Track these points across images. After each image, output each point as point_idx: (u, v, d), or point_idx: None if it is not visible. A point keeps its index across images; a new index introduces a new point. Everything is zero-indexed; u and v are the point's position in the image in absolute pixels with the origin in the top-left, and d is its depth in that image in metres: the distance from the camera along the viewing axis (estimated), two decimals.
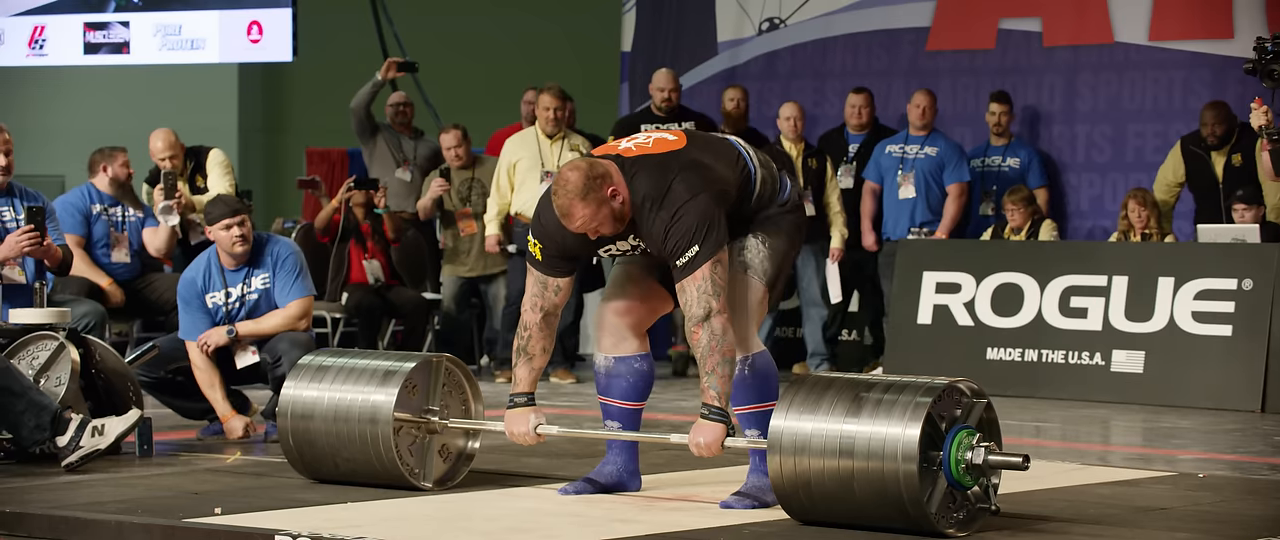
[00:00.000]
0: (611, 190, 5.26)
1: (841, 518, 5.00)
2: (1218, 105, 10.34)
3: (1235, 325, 9.12)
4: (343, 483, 5.83)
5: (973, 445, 4.95)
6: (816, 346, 10.90)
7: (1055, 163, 11.29)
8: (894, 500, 4.86)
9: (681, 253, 5.25)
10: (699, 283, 5.24)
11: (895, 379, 5.04)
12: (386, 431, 5.69)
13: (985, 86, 11.31)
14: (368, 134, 11.31)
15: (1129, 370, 9.34)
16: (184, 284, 7.40)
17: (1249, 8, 10.74)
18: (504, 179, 10.40)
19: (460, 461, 5.98)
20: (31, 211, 7.39)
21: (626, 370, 5.57)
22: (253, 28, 12.50)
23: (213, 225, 7.30)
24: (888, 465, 4.84)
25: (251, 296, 7.32)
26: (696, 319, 5.23)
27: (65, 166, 14.11)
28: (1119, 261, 9.60)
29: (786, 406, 5.05)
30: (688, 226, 5.24)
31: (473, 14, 14.90)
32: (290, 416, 5.90)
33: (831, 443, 4.93)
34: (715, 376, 5.23)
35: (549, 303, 5.50)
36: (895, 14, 11.78)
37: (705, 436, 5.28)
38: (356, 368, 5.85)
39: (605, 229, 5.30)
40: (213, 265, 7.34)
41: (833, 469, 4.93)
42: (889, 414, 4.89)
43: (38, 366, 6.64)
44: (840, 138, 11.24)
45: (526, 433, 5.57)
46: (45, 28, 12.92)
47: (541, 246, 5.46)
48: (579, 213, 5.25)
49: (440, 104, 13.10)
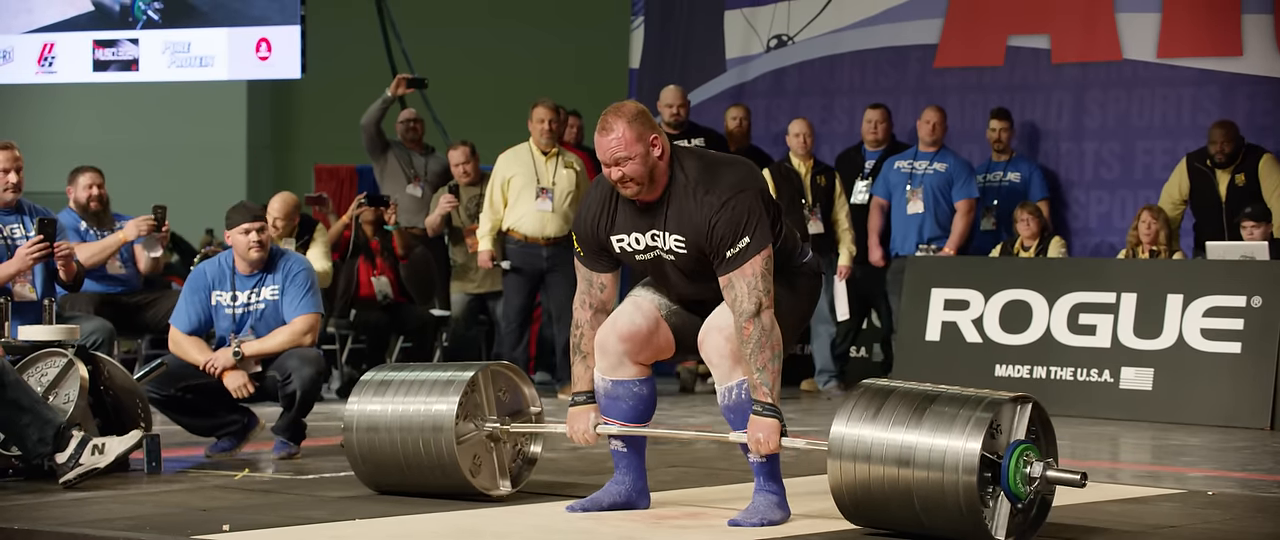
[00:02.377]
0: (655, 139, 5.24)
1: (898, 525, 5.08)
2: (1226, 124, 10.35)
3: (1244, 342, 9.11)
4: (409, 495, 5.88)
5: (1031, 461, 5.03)
6: (825, 363, 10.89)
7: (1061, 179, 11.29)
8: (952, 510, 4.93)
9: (732, 243, 5.20)
10: (748, 278, 5.21)
11: (957, 391, 5.10)
12: (449, 439, 5.76)
13: (993, 103, 11.32)
14: (378, 151, 11.32)
15: (1138, 387, 9.33)
16: (195, 273, 7.45)
17: (1258, 25, 10.75)
18: (497, 195, 10.38)
19: (524, 466, 6.04)
20: (42, 223, 7.41)
21: (626, 394, 5.55)
22: (261, 45, 12.53)
23: (232, 229, 7.33)
24: (948, 476, 4.91)
25: (257, 306, 7.33)
26: (747, 314, 5.21)
27: None
28: (1128, 278, 9.59)
29: (848, 413, 5.10)
30: (738, 216, 5.20)
31: (482, 30, 14.93)
32: (356, 430, 5.98)
33: (892, 451, 5.00)
34: (766, 372, 5.22)
35: (597, 299, 5.49)
36: (903, 31, 11.79)
37: (763, 432, 5.27)
38: (418, 380, 5.93)
39: (633, 173, 5.22)
40: (227, 265, 7.38)
41: (893, 476, 5.00)
42: (950, 427, 4.95)
43: (47, 383, 6.64)
44: (857, 154, 11.24)
45: (586, 430, 5.56)
46: (54, 45, 12.95)
47: (579, 241, 5.46)
48: (618, 130, 5.22)
49: (451, 120, 13.12)
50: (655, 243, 5.36)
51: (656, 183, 5.29)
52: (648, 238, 5.36)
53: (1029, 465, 5.02)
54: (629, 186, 5.27)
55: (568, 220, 10.21)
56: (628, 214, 5.38)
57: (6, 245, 7.67)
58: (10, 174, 7.73)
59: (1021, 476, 5.00)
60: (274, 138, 15.37)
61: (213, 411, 7.35)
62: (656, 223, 5.33)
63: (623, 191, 5.30)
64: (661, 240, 5.35)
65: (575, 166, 10.39)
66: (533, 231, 10.31)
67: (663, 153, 5.26)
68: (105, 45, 12.86)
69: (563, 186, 10.32)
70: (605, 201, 5.41)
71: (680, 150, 5.35)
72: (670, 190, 5.30)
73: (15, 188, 7.72)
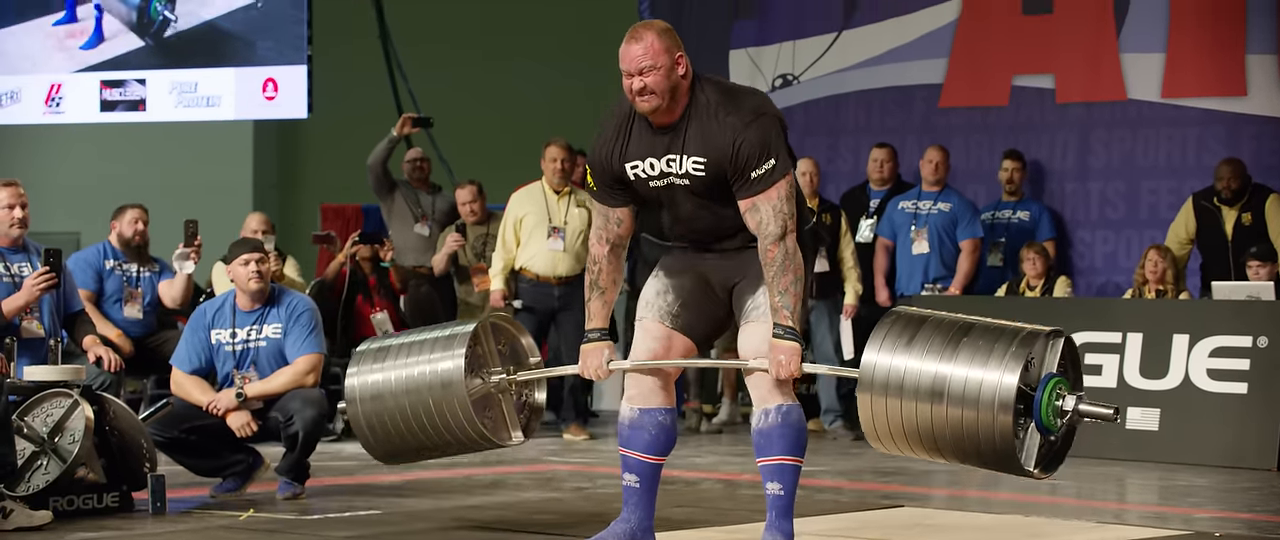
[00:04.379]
0: (681, 57, 5.24)
1: (929, 455, 5.09)
2: (1233, 162, 10.36)
3: (1251, 383, 9.09)
4: (422, 458, 5.77)
5: (1064, 394, 5.04)
6: (831, 403, 10.88)
7: (1066, 218, 11.30)
8: (985, 440, 4.92)
9: (757, 164, 5.19)
10: (774, 201, 5.21)
11: (991, 323, 5.09)
12: (461, 395, 5.56)
13: (998, 143, 11.33)
14: (385, 190, 11.34)
15: (1144, 427, 9.31)
16: (196, 312, 7.46)
17: (1262, 65, 10.77)
18: (510, 234, 10.40)
19: (533, 416, 5.89)
20: (49, 254, 7.42)
21: (650, 423, 5.49)
22: (268, 85, 12.56)
23: (232, 262, 7.34)
24: (983, 408, 4.90)
25: (258, 343, 7.33)
26: (773, 237, 5.20)
27: (80, 223, 14.15)
28: (1134, 318, 9.58)
29: (879, 342, 5.08)
30: (763, 138, 5.20)
31: (490, 69, 14.96)
32: (360, 402, 5.72)
33: (925, 382, 4.99)
34: (789, 295, 5.20)
35: (613, 234, 5.45)
36: (908, 71, 11.81)
37: (785, 354, 5.23)
38: (417, 341, 5.73)
39: (655, 85, 5.20)
40: (228, 303, 7.39)
41: (925, 407, 4.98)
42: (986, 360, 4.94)
43: (52, 424, 6.64)
44: (862, 193, 11.26)
45: (599, 366, 5.49)
46: (62, 86, 12.98)
47: (593, 174, 5.44)
48: (646, 40, 5.22)
49: (456, 160, 13.14)
50: (671, 167, 5.33)
51: (676, 103, 5.28)
52: (663, 163, 5.33)
53: (1061, 398, 5.02)
54: (649, 99, 5.25)
55: (580, 260, 10.24)
56: (643, 139, 5.35)
57: (14, 283, 7.68)
58: (15, 210, 7.75)
59: (1053, 409, 5.01)
60: (280, 177, 15.38)
61: (217, 452, 7.34)
62: (674, 146, 5.30)
63: (641, 106, 5.27)
64: (678, 164, 5.32)
65: (587, 205, 10.40)
66: (545, 270, 10.33)
67: (686, 72, 5.27)
68: (112, 85, 12.89)
69: (575, 226, 10.34)
70: (620, 127, 5.39)
71: (701, 75, 5.35)
72: (690, 111, 5.29)
73: (21, 224, 7.74)
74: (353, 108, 14.17)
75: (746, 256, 5.39)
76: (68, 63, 13.01)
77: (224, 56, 12.71)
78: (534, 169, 10.52)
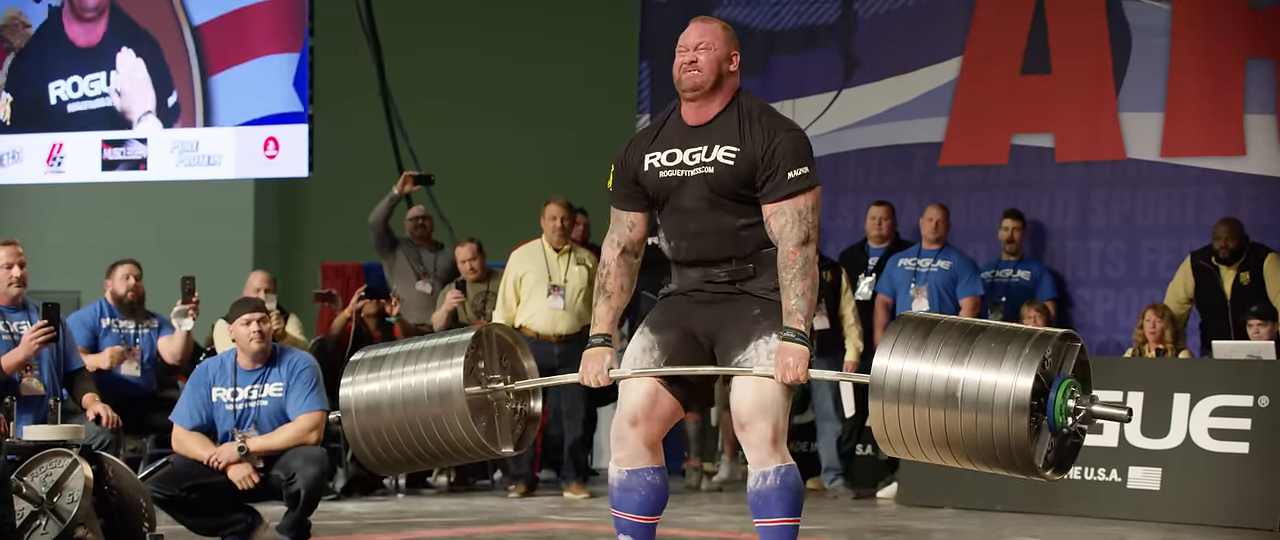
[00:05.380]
0: (736, 56, 5.39)
1: (940, 459, 5.07)
2: (1231, 221, 10.38)
3: (1252, 442, 9.07)
4: (417, 468, 5.76)
5: (1077, 395, 5.05)
6: (831, 461, 10.85)
7: (1066, 277, 11.30)
8: (1001, 445, 4.91)
9: (793, 166, 5.27)
10: (801, 208, 5.27)
11: (1003, 326, 5.09)
12: (461, 406, 5.48)
13: (998, 201, 11.35)
14: (387, 248, 11.35)
15: (1146, 487, 9.29)
16: (198, 370, 7.47)
17: (1261, 125, 10.80)
18: (510, 292, 10.40)
19: (529, 425, 5.86)
20: (47, 307, 7.43)
21: (640, 483, 5.49)
22: (269, 143, 12.59)
23: (234, 322, 7.35)
24: (997, 412, 4.89)
25: (259, 403, 7.33)
26: (796, 241, 5.25)
27: (81, 282, 14.15)
28: (1134, 377, 9.57)
29: (890, 347, 5.07)
30: (799, 148, 5.30)
31: (490, 126, 14.99)
32: (355, 413, 5.63)
33: (938, 387, 4.97)
34: (804, 300, 5.23)
35: (624, 238, 5.50)
36: (908, 129, 11.85)
37: (793, 357, 5.23)
38: (413, 351, 5.64)
39: (705, 62, 5.31)
40: (229, 362, 7.40)
41: (939, 414, 4.97)
42: (1000, 362, 4.93)
43: (51, 483, 6.63)
44: (861, 251, 11.27)
45: (598, 372, 5.50)
46: (63, 145, 13.02)
47: (614, 175, 5.49)
48: (710, 25, 5.39)
49: (457, 217, 13.15)
50: (691, 160, 5.39)
51: (717, 95, 5.38)
52: (684, 155, 5.39)
53: (1074, 399, 5.04)
54: (693, 75, 5.35)
55: (580, 318, 10.25)
56: (672, 135, 5.44)
57: (13, 341, 7.69)
58: (13, 269, 7.77)
59: (1065, 409, 5.02)
60: (281, 235, 15.39)
61: (217, 511, 7.33)
62: (704, 140, 5.38)
63: (685, 80, 5.37)
64: (702, 155, 5.38)
65: (587, 263, 10.42)
66: (545, 328, 10.33)
67: (735, 70, 5.40)
68: (114, 144, 12.93)
69: (574, 284, 10.35)
70: (655, 126, 5.52)
71: (745, 89, 5.48)
72: (729, 111, 5.39)
73: (20, 282, 7.75)
74: (354, 166, 14.20)
75: (730, 305, 5.40)
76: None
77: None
78: (534, 227, 10.53)
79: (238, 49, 12.68)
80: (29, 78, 13.17)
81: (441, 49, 15.11)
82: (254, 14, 12.65)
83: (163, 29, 12.92)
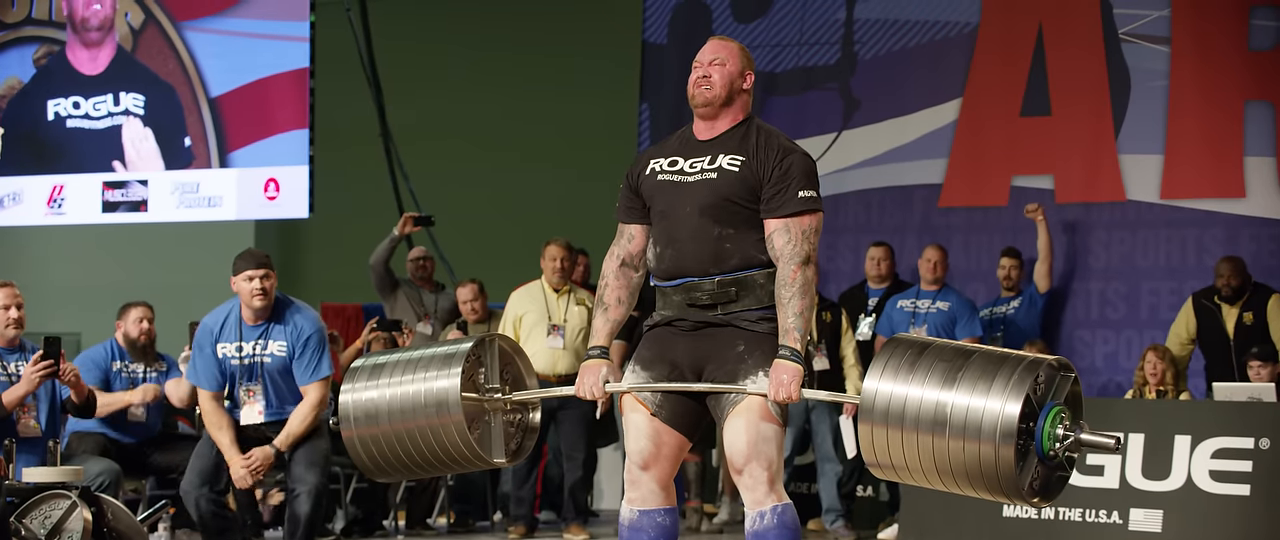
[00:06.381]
0: (749, 75, 5.45)
1: (928, 482, 5.08)
2: (1233, 260, 10.38)
3: (1254, 484, 9.06)
4: (413, 476, 5.79)
5: (1066, 422, 5.04)
6: (831, 502, 10.83)
7: (1065, 318, 11.30)
8: (987, 472, 4.92)
9: (802, 186, 5.32)
10: (804, 228, 5.31)
11: (994, 351, 5.09)
12: (458, 417, 5.48)
13: (997, 243, 11.36)
14: (388, 289, 11.36)
15: (1147, 529, 9.27)
16: (201, 328, 7.47)
17: (1260, 167, 10.81)
18: (510, 332, 10.40)
19: (527, 435, 5.82)
20: (47, 342, 7.43)
21: (650, 525, 5.48)
22: (270, 184, 12.61)
23: (237, 276, 7.35)
24: (985, 439, 4.89)
25: (263, 358, 7.32)
26: (797, 260, 5.28)
27: (81, 324, 14.15)
28: (1135, 419, 9.56)
29: (881, 369, 5.09)
30: (807, 172, 5.35)
31: (491, 167, 15.01)
32: (354, 421, 5.62)
33: (927, 411, 4.98)
34: (801, 319, 5.25)
35: (624, 250, 5.52)
36: (908, 171, 11.86)
37: (787, 374, 5.24)
38: (412, 359, 5.63)
39: (718, 77, 5.38)
40: (233, 315, 7.38)
41: (927, 439, 4.97)
42: (989, 388, 4.93)
43: (50, 525, 6.62)
44: (861, 292, 11.28)
45: (594, 384, 5.48)
46: (64, 187, 13.03)
47: (621, 188, 5.53)
48: (731, 45, 5.46)
49: (458, 258, 13.16)
50: (691, 168, 5.42)
51: (728, 112, 5.45)
52: (686, 163, 5.43)
53: (1063, 425, 5.03)
54: (705, 90, 5.41)
55: (579, 357, 10.23)
56: (683, 145, 5.49)
57: (10, 382, 7.68)
58: (11, 311, 7.77)
59: (1053, 436, 5.01)
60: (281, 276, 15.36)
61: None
62: (709, 151, 5.43)
63: (697, 94, 5.42)
64: (704, 163, 5.41)
65: (587, 303, 10.42)
66: (544, 368, 10.32)
67: (748, 91, 5.47)
68: (115, 186, 12.94)
69: (574, 324, 10.35)
70: (667, 139, 5.57)
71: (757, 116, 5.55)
72: (740, 127, 5.44)
73: (17, 324, 7.75)
74: (354, 207, 14.22)
75: (714, 339, 5.39)
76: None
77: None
78: (534, 268, 10.54)
79: (258, 125, 12.69)
80: (28, 107, 13.19)
81: (442, 91, 15.15)
82: (272, 85, 12.66)
83: (180, 82, 12.95)
